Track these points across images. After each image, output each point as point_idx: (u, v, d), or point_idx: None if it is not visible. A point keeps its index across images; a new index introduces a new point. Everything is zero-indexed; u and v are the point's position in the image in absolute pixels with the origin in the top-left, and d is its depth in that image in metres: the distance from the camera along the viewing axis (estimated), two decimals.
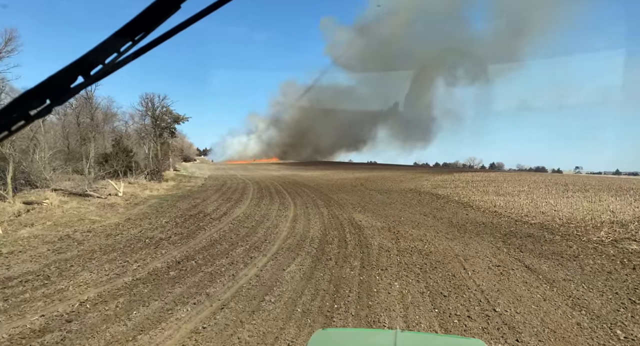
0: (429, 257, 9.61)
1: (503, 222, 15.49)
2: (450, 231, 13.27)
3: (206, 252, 9.43)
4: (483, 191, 25.74)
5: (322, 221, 14.48)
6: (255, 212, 16.51)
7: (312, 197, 22.64)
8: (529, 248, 10.86)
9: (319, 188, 29.04)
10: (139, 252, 9.33)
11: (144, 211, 16.50)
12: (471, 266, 8.76)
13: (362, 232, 12.52)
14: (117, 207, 17.48)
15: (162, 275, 7.43)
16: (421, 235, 12.40)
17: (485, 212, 18.05)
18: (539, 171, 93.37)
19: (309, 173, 52.40)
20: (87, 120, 29.42)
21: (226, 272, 7.74)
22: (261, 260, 8.85)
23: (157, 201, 19.26)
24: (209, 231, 12.06)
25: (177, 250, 9.63)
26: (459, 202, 21.53)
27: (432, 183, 32.05)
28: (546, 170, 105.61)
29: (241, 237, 11.30)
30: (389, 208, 18.85)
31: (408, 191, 27.29)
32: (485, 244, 11.33)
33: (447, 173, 47.33)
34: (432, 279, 7.83)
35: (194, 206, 17.87)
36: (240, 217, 15.13)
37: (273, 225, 13.44)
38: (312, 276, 7.78)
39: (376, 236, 11.99)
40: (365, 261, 9.07)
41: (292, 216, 15.54)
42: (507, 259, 9.54)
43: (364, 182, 34.66)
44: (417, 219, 15.65)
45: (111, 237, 11.35)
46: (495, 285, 7.47)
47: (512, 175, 42.99)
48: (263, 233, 11.98)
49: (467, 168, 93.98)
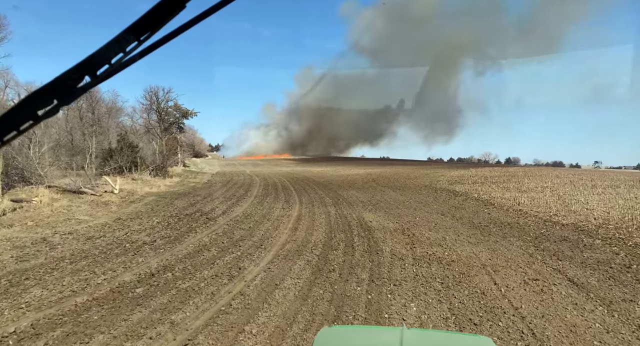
0: (451, 267, 8.12)
1: (530, 222, 13.84)
2: (473, 234, 11.72)
3: (189, 260, 8.13)
4: (504, 187, 23.95)
5: (328, 222, 13.08)
6: (257, 211, 15.20)
7: (320, 195, 21.25)
8: (567, 255, 9.27)
9: (329, 184, 27.62)
10: (113, 261, 8.08)
11: (137, 210, 15.36)
12: (503, 281, 7.25)
13: (372, 235, 11.08)
14: (110, 205, 16.39)
15: (126, 292, 6.14)
16: (440, 238, 10.89)
17: (509, 210, 16.39)
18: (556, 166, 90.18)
19: (319, 168, 51.01)
20: (89, 114, 28.51)
21: (205, 289, 6.41)
22: (251, 271, 7.49)
23: (154, 199, 18.13)
24: (200, 234, 10.78)
25: (158, 257, 8.35)
26: (479, 199, 19.86)
27: (448, 179, 30.30)
28: (564, 164, 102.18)
29: (234, 241, 9.98)
30: (403, 206, 17.33)
31: (423, 187, 25.66)
32: (515, 250, 9.77)
33: (463, 168, 45.35)
34: (457, 298, 6.37)
35: (192, 204, 16.65)
36: (239, 216, 13.82)
37: (273, 226, 12.09)
38: (309, 294, 6.39)
39: (388, 240, 10.54)
40: (375, 273, 7.65)
41: (296, 216, 14.17)
42: (545, 270, 7.99)
43: (375, 178, 33.09)
44: (434, 219, 14.12)
45: (91, 240, 10.16)
46: (538, 308, 5.97)
47: (531, 170, 40.81)
48: (260, 236, 10.63)
49: (482, 163, 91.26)
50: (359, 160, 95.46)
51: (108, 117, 35.42)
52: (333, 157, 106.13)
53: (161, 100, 31.75)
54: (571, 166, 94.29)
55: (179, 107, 52.79)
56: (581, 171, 42.52)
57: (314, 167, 57.78)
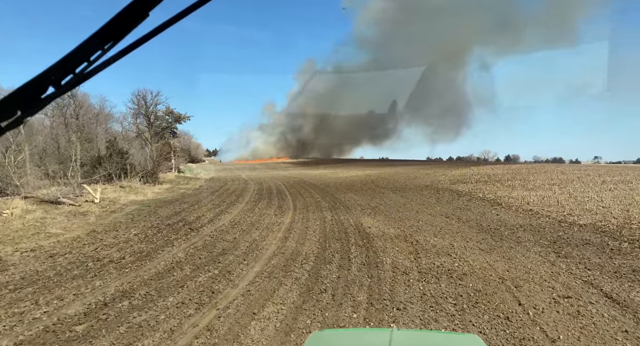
0: (464, 282, 6.91)
1: (544, 223, 12.65)
2: (483, 238, 10.52)
3: (155, 282, 6.91)
4: (509, 185, 22.76)
5: (322, 229, 11.87)
6: (246, 218, 13.98)
7: (316, 198, 20.04)
8: (595, 262, 8.07)
9: (326, 187, 26.41)
10: (66, 285, 6.86)
11: (117, 220, 14.13)
12: (529, 299, 6.04)
13: (371, 244, 9.87)
14: (89, 215, 15.16)
15: (62, 332, 4.93)
16: (447, 245, 9.69)
17: (519, 210, 15.19)
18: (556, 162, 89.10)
19: (317, 171, 49.80)
20: (73, 120, 27.30)
21: (164, 323, 5.19)
22: (227, 295, 6.28)
23: (137, 207, 16.90)
24: (177, 248, 9.56)
25: (120, 280, 7.13)
26: (484, 199, 18.66)
27: (450, 178, 29.10)
28: (564, 161, 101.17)
29: (214, 256, 8.76)
30: (404, 209, 16.13)
31: (424, 188, 24.46)
32: (534, 257, 8.57)
33: (464, 167, 44.17)
34: (477, 325, 5.16)
35: (177, 213, 15.43)
36: (225, 225, 12.61)
37: (261, 236, 10.87)
38: (294, 325, 5.18)
39: (389, 249, 9.33)
40: (375, 292, 6.44)
41: (288, 223, 12.96)
42: (574, 283, 6.79)
43: (375, 180, 31.90)
44: (439, 223, 12.91)
45: (53, 258, 8.94)
46: (580, 339, 4.76)
47: (534, 167, 39.57)
48: (245, 249, 9.41)
49: (482, 161, 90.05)
50: (357, 161, 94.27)
51: (96, 122, 34.20)
52: (332, 159, 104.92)
53: (149, 103, 30.50)
54: (571, 162, 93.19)
55: (172, 111, 51.64)
56: (584, 167, 41.32)
57: (311, 169, 56.60)
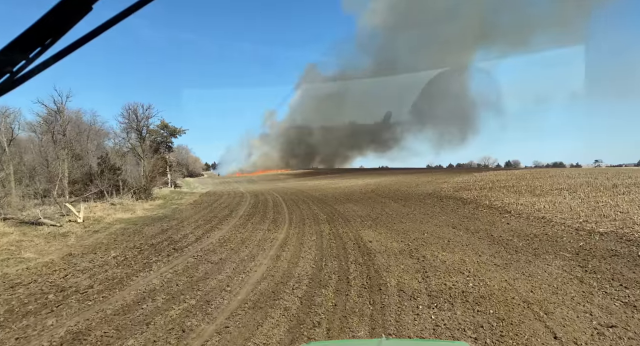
0: (483, 307, 5.86)
1: (561, 232, 11.62)
2: (497, 252, 9.47)
3: (118, 319, 5.85)
4: (515, 191, 21.74)
5: (319, 245, 10.82)
6: (237, 235, 12.94)
7: (314, 210, 19.00)
8: (630, 278, 7.02)
9: (324, 198, 25.38)
10: (12, 325, 5.81)
11: (99, 241, 13.08)
12: (565, 330, 4.99)
13: (372, 261, 8.82)
14: (69, 237, 14.11)
15: None
16: (458, 261, 8.63)
17: (530, 218, 14.15)
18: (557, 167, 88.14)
19: (316, 182, 48.79)
20: (60, 137, 26.42)
21: None
22: (199, 335, 5.22)
23: (123, 226, 15.85)
24: (155, 272, 8.51)
25: (78, 316, 6.08)
26: (491, 206, 17.63)
27: (453, 185, 28.09)
28: (564, 165, 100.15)
29: (194, 281, 7.71)
30: (407, 220, 15.08)
31: (427, 196, 23.43)
32: (558, 273, 7.52)
33: (465, 173, 43.19)
34: None
35: (164, 231, 14.38)
36: (213, 244, 11.56)
37: (250, 255, 9.83)
38: None
39: (393, 267, 8.28)
40: (378, 324, 5.38)
41: (282, 239, 11.92)
42: (614, 306, 5.74)
43: (375, 189, 30.87)
44: (446, 235, 11.87)
45: (14, 289, 7.89)
46: None
47: (538, 171, 38.64)
48: (229, 272, 8.35)
49: (483, 167, 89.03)
50: (357, 170, 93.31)
51: (87, 138, 33.33)
52: (331, 169, 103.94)
53: (140, 117, 29.64)
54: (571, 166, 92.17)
55: (166, 125, 50.92)
56: (590, 170, 40.37)
57: (310, 180, 55.59)
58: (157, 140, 50.31)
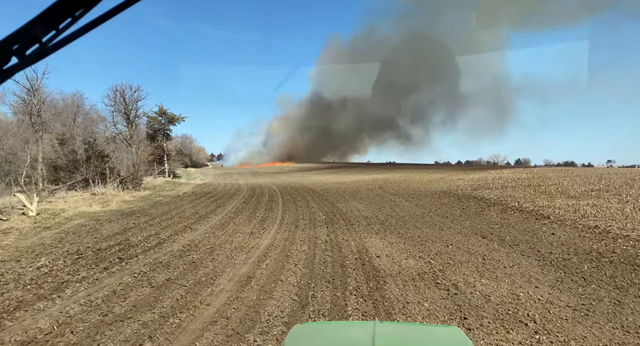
0: None
1: (631, 249, 8.78)
2: (558, 280, 6.68)
3: None
4: (544, 192, 18.82)
5: (309, 260, 8.11)
6: (209, 239, 10.27)
7: (312, 209, 16.29)
8: None
9: (326, 194, 22.62)
10: None
11: (40, 242, 10.50)
12: None
13: (382, 292, 6.08)
14: (10, 234, 11.55)
15: None
16: (507, 296, 5.87)
17: (578, 227, 11.30)
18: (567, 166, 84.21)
19: (320, 176, 46.00)
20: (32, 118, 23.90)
21: None
22: None
23: (81, 222, 13.25)
24: (60, 302, 5.84)
25: None
26: (522, 209, 14.76)
27: (470, 183, 25.19)
28: (576, 164, 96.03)
29: (104, 325, 5.03)
30: (422, 224, 12.30)
31: (442, 194, 20.57)
32: None
33: (480, 170, 40.17)
34: None
35: (126, 230, 11.75)
36: (173, 253, 8.90)
37: (211, 275, 7.13)
38: None
39: (413, 305, 5.54)
40: None
41: (264, 248, 9.23)
42: None
43: (383, 185, 28.05)
44: (477, 248, 9.08)
45: None
46: None
47: (560, 170, 35.52)
48: (166, 308, 5.65)
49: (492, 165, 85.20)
50: (363, 165, 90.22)
51: (73, 122, 30.84)
52: (336, 163, 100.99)
53: (128, 100, 26.96)
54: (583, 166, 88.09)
55: (165, 111, 48.31)
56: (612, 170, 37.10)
57: (314, 174, 52.86)
58: (154, 127, 47.79)
